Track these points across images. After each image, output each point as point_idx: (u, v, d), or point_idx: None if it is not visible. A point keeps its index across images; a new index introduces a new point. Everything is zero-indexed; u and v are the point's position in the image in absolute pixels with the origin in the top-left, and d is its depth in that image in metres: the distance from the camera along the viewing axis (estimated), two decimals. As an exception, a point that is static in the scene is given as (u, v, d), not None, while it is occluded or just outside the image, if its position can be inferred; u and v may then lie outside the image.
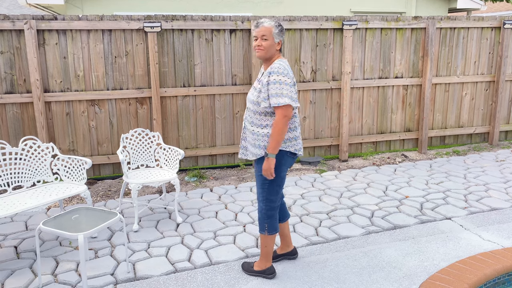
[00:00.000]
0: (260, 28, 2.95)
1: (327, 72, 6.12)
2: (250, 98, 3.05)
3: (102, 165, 5.53)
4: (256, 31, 2.97)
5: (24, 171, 3.92)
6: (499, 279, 3.24)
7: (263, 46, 2.95)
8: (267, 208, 3.11)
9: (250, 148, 3.10)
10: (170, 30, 5.44)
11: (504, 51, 6.71)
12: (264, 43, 2.94)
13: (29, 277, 3.26)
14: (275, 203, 3.12)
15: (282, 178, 3.07)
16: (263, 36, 2.95)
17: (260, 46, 2.95)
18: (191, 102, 5.68)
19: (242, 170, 5.90)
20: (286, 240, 3.43)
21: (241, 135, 3.21)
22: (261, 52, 2.97)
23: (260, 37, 2.96)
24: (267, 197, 3.09)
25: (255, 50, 3.00)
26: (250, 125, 3.05)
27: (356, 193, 4.93)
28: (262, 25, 2.95)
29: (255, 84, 3.06)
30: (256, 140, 3.03)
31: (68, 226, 2.95)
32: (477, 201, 4.63)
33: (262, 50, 2.96)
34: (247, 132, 3.10)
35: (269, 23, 2.96)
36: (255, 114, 3.01)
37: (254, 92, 3.02)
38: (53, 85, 5.17)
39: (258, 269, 3.22)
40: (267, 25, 2.95)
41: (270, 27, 2.95)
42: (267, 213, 3.12)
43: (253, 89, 3.04)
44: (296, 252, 3.48)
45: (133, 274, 3.28)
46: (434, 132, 6.77)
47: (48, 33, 5.04)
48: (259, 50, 2.97)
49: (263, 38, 2.95)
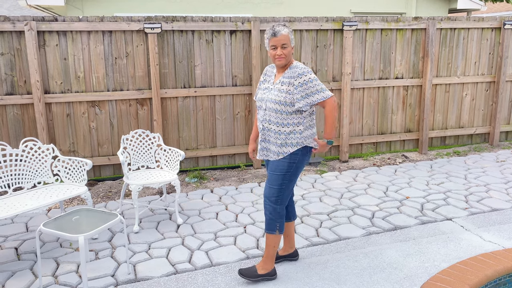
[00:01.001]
0: (279, 37, 2.94)
1: (328, 73, 6.12)
2: (275, 99, 3.02)
3: (102, 166, 5.53)
4: (275, 40, 2.96)
5: (25, 172, 3.93)
6: (500, 280, 3.24)
7: (284, 54, 2.97)
8: (281, 208, 3.11)
9: (273, 148, 3.09)
10: (170, 31, 5.44)
11: (505, 52, 6.71)
12: (285, 51, 2.97)
13: (30, 278, 3.26)
14: (286, 203, 3.17)
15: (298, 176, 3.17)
16: (283, 44, 2.96)
17: (282, 55, 2.97)
18: (191, 103, 5.68)
19: (242, 171, 5.90)
20: (290, 241, 3.43)
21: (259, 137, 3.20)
22: (283, 60, 2.99)
23: (280, 46, 2.96)
24: (282, 197, 3.09)
25: (276, 59, 2.99)
26: (275, 125, 3.05)
27: (357, 194, 4.93)
28: (281, 34, 2.94)
29: (278, 86, 3.03)
30: (286, 139, 3.04)
31: (68, 228, 2.95)
32: (477, 202, 4.62)
33: (284, 58, 2.98)
34: (271, 133, 3.08)
35: (286, 29, 2.97)
36: (282, 114, 3.01)
37: (279, 93, 3.00)
38: (53, 86, 5.18)
39: (264, 272, 3.18)
40: (285, 33, 2.95)
41: (287, 34, 2.97)
42: (280, 213, 3.12)
43: (278, 91, 3.02)
44: (297, 254, 3.48)
45: (133, 276, 3.28)
46: (434, 133, 6.76)
47: (48, 34, 5.05)
48: (281, 58, 2.98)
49: (284, 46, 2.96)
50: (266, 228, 3.16)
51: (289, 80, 3.00)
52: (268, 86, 3.13)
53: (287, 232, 3.41)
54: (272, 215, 3.11)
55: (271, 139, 3.09)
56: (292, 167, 3.06)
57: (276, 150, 3.07)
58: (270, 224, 3.13)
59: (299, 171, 3.11)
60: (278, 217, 3.11)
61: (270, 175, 3.12)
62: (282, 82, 3.03)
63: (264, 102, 3.09)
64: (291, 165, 3.06)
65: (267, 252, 3.18)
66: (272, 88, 3.08)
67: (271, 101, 3.04)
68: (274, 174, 3.08)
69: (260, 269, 3.19)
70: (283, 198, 3.11)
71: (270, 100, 3.05)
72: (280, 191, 3.08)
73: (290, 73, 3.01)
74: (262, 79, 3.23)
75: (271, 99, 3.04)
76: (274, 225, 3.12)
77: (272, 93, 3.05)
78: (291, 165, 3.05)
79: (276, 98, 3.02)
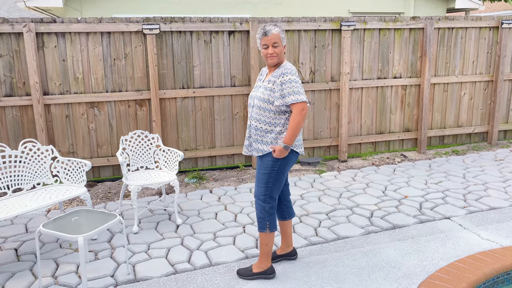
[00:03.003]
0: (270, 36, 3.00)
1: (326, 73, 6.13)
2: (260, 97, 3.09)
3: (101, 167, 5.54)
4: (266, 40, 3.01)
5: (24, 173, 3.93)
6: (498, 278, 3.25)
7: (275, 53, 3.02)
8: (269, 206, 3.13)
9: (254, 145, 3.16)
10: (169, 32, 5.45)
11: (502, 51, 6.72)
12: (276, 50, 3.02)
13: (30, 279, 3.27)
14: (276, 201, 3.18)
15: (285, 175, 3.18)
16: (274, 43, 3.01)
17: (273, 53, 3.02)
18: (190, 104, 5.69)
19: (241, 171, 5.91)
20: (287, 240, 3.44)
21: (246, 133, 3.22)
22: (275, 58, 3.04)
23: (271, 44, 3.01)
24: (270, 195, 3.12)
25: (268, 58, 3.04)
26: (258, 122, 3.11)
27: (356, 193, 4.94)
28: (271, 33, 3.01)
29: (265, 84, 3.10)
30: (262, 137, 3.10)
31: (68, 228, 2.96)
32: (476, 201, 4.64)
33: (276, 56, 3.04)
34: (252, 129, 3.15)
35: (276, 29, 3.03)
36: (264, 112, 3.07)
37: (265, 91, 3.07)
38: (52, 88, 5.19)
39: (259, 270, 3.22)
40: (276, 32, 3.02)
41: (278, 33, 3.02)
42: (269, 211, 3.14)
43: (264, 89, 3.09)
44: (295, 253, 3.49)
45: (133, 276, 3.29)
46: (433, 132, 6.78)
47: (47, 36, 5.06)
48: (273, 57, 3.03)
49: (274, 45, 3.02)
50: (258, 227, 3.21)
51: (274, 78, 3.05)
52: (258, 84, 3.21)
53: (283, 231, 3.42)
54: (261, 214, 3.16)
55: (253, 135, 3.15)
56: (276, 166, 3.08)
57: (256, 146, 3.14)
58: (260, 223, 3.18)
59: (286, 169, 3.13)
60: (267, 215, 3.14)
61: (257, 174, 3.17)
62: (269, 81, 3.09)
63: (253, 99, 3.16)
64: (275, 164, 3.08)
65: (261, 251, 3.22)
66: (261, 86, 3.15)
67: (258, 98, 3.11)
68: (260, 172, 3.14)
69: (256, 268, 3.22)
70: (271, 196, 3.13)
71: (257, 97, 3.12)
72: (266, 190, 3.11)
73: (277, 72, 3.06)
74: (257, 79, 3.31)
75: (258, 96, 3.11)
76: (264, 223, 3.16)
77: (259, 91, 3.13)
78: (275, 163, 3.08)
79: (261, 95, 3.09)
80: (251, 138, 3.18)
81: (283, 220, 3.40)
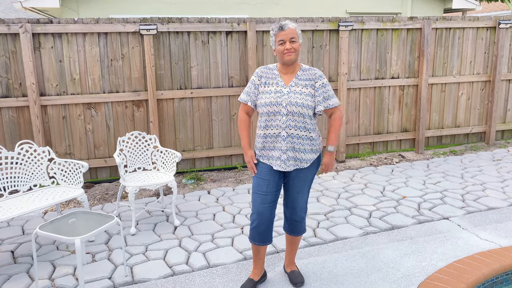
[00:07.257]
0: (287, 31, 2.79)
1: (324, 73, 6.12)
2: (303, 103, 2.84)
3: (99, 168, 5.52)
4: (283, 34, 2.79)
5: (21, 175, 3.91)
6: (497, 278, 3.25)
7: (293, 48, 2.81)
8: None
9: (304, 156, 2.93)
10: (166, 32, 5.43)
11: (500, 51, 6.73)
12: (294, 45, 2.81)
13: (26, 282, 3.25)
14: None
15: None
16: (292, 38, 2.79)
17: (291, 49, 2.80)
18: (187, 105, 5.67)
19: (239, 172, 5.90)
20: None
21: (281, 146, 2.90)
22: (293, 54, 2.82)
23: (288, 40, 2.79)
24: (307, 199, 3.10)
25: (285, 55, 2.81)
26: (300, 130, 2.87)
27: (354, 194, 4.94)
28: (288, 27, 2.79)
29: (299, 88, 2.87)
30: (311, 146, 2.94)
31: (65, 230, 2.94)
32: (474, 201, 4.64)
33: (293, 52, 2.81)
34: (295, 139, 2.88)
35: (293, 24, 2.84)
36: (305, 118, 2.86)
37: (306, 97, 2.85)
38: (49, 89, 5.16)
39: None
40: (292, 27, 2.81)
41: (295, 28, 2.83)
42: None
43: (303, 95, 2.86)
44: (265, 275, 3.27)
45: (130, 278, 3.27)
46: (431, 132, 6.78)
47: (43, 36, 5.03)
48: (291, 53, 2.81)
49: (292, 40, 2.80)
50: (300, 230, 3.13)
51: (310, 82, 2.89)
52: (280, 90, 2.87)
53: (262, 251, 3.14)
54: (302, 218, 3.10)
55: (301, 146, 2.90)
56: (315, 173, 3.03)
57: (306, 157, 2.93)
58: (303, 226, 3.14)
59: None
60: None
61: (302, 185, 2.97)
62: (302, 85, 2.88)
63: (284, 107, 2.83)
64: (315, 171, 3.02)
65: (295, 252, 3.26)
66: (290, 91, 2.86)
67: (297, 105, 2.83)
68: (306, 180, 2.98)
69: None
70: None
71: (294, 104, 2.83)
72: (307, 195, 3.05)
73: (307, 75, 2.90)
74: (260, 81, 2.95)
75: (296, 102, 2.82)
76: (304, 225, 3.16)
77: (298, 97, 2.84)
78: (317, 167, 3.02)
79: (304, 102, 2.84)
80: (296, 149, 2.89)
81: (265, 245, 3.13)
